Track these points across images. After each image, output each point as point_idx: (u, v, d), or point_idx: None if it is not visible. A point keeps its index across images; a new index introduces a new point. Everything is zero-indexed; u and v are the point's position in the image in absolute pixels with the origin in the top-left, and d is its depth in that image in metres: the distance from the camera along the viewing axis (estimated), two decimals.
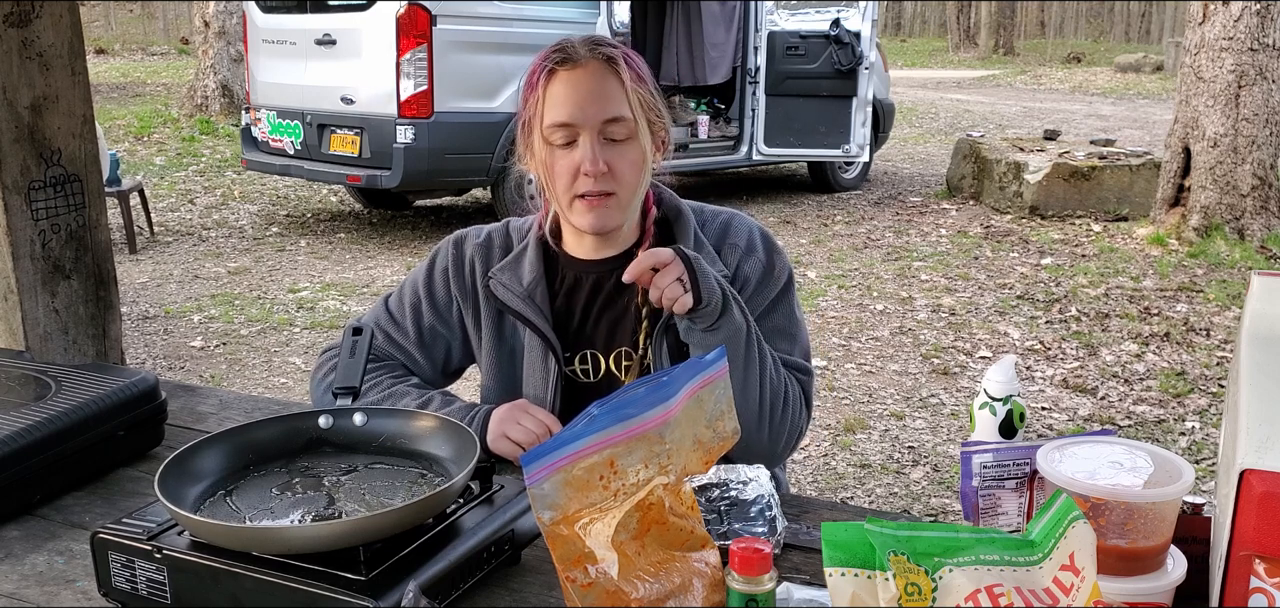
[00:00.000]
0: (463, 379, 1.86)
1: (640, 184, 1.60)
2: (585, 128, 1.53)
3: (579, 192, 1.55)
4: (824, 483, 3.82)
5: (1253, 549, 0.95)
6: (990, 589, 0.92)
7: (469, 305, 1.70)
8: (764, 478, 1.36)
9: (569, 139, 1.55)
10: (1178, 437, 4.17)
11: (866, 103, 8.85)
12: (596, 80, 1.54)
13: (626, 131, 1.55)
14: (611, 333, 1.65)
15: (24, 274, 2.06)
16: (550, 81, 1.55)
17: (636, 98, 1.56)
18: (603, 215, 1.57)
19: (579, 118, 1.53)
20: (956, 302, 6.07)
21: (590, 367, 1.66)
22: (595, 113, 1.53)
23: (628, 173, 1.56)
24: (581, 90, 1.54)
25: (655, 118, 1.60)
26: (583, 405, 1.61)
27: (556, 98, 1.54)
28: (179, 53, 22.61)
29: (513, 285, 1.65)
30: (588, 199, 1.56)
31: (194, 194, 9.09)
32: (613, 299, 1.65)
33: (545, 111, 1.55)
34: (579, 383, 1.66)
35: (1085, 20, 30.57)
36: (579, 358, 1.66)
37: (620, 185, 1.56)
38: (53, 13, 2.07)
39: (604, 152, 1.54)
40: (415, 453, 1.33)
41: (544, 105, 1.56)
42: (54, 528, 1.39)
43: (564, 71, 1.55)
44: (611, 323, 1.65)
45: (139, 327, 5.64)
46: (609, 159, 1.54)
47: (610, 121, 1.54)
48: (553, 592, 1.20)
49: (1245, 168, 7.01)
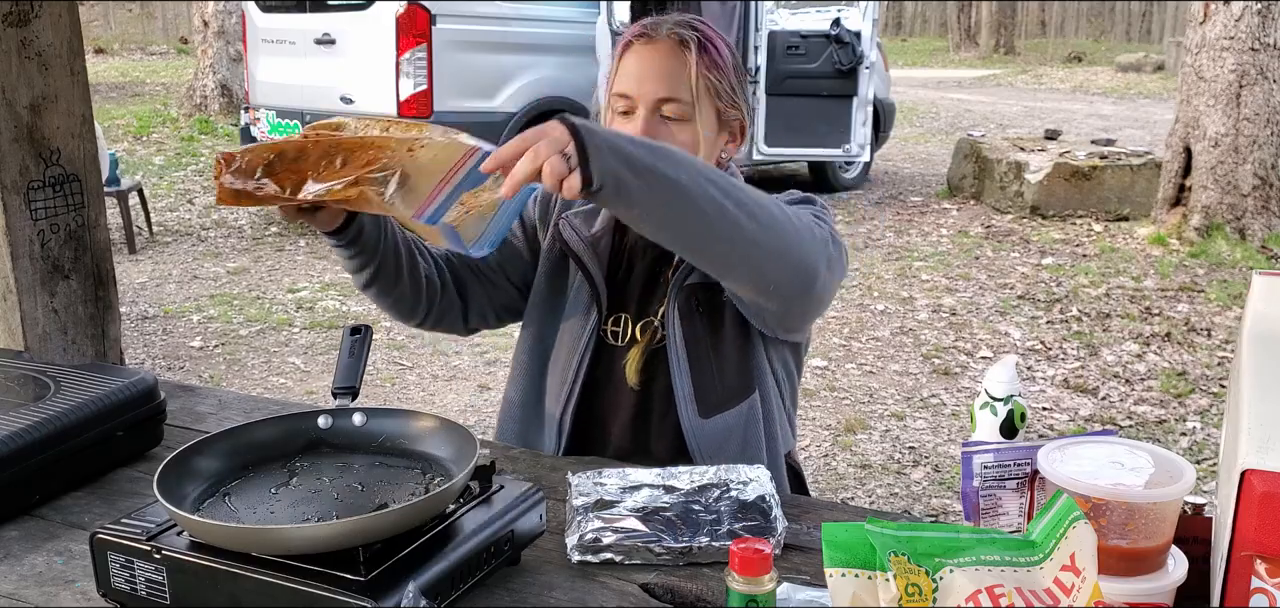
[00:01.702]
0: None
1: None
2: (641, 102, 1.58)
3: None
4: (824, 483, 3.82)
5: (1254, 550, 0.95)
6: (991, 590, 0.92)
7: (544, 232, 1.75)
8: (764, 478, 1.36)
9: (627, 109, 1.60)
10: (1179, 437, 4.17)
11: (867, 102, 8.85)
12: (662, 58, 1.58)
13: (680, 113, 1.57)
14: (644, 302, 1.68)
15: (23, 274, 2.06)
16: (625, 53, 1.62)
17: (704, 82, 1.58)
18: None
19: (636, 91, 1.58)
20: (957, 302, 6.07)
21: (621, 329, 1.68)
22: (651, 89, 1.57)
23: None
24: (645, 65, 1.59)
25: (727, 106, 1.62)
26: (608, 365, 1.66)
27: (625, 69, 1.61)
28: (178, 52, 22.60)
29: (582, 230, 1.69)
30: None
31: (193, 194, 9.09)
32: (654, 271, 1.68)
33: (615, 80, 1.62)
34: (607, 344, 1.68)
35: (1086, 20, 30.55)
36: (613, 320, 1.68)
37: None
38: (52, 12, 2.07)
39: (655, 128, 1.57)
40: (415, 453, 1.33)
41: (615, 74, 1.62)
42: (53, 528, 1.39)
43: (638, 45, 1.61)
44: (647, 292, 1.68)
45: (138, 327, 5.64)
46: (660, 136, 1.56)
47: (665, 100, 1.57)
48: (553, 592, 1.20)
49: (1246, 168, 7.01)
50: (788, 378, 1.74)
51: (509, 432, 1.74)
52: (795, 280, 1.45)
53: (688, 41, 1.59)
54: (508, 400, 1.77)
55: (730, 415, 1.62)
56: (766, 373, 1.67)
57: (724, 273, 1.46)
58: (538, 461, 1.60)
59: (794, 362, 1.75)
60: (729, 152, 1.67)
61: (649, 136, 1.54)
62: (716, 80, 1.60)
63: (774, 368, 1.69)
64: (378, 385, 4.68)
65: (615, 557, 1.25)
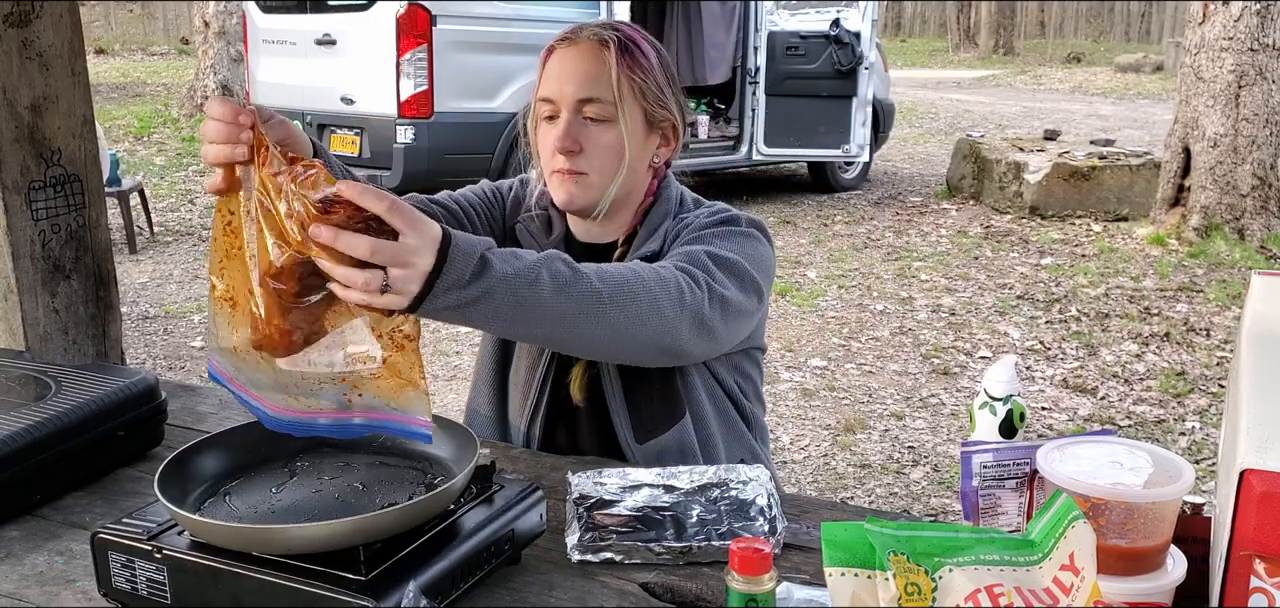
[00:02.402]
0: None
1: (617, 169, 1.58)
2: (563, 104, 1.57)
3: (556, 167, 1.59)
4: (824, 483, 3.82)
5: (1253, 549, 0.95)
6: (990, 589, 0.92)
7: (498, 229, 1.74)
8: (764, 478, 1.36)
9: (551, 114, 1.59)
10: (1178, 437, 4.17)
11: (866, 103, 8.85)
12: (584, 60, 1.57)
13: (602, 113, 1.56)
14: None
15: (24, 274, 2.06)
16: (548, 58, 1.62)
17: (626, 82, 1.56)
18: (574, 192, 1.59)
19: (557, 93, 1.58)
20: (956, 302, 6.07)
21: None
22: (573, 91, 1.57)
23: (599, 155, 1.57)
24: (566, 68, 1.58)
25: (655, 108, 1.60)
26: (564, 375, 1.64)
27: (548, 73, 1.60)
28: (179, 53, 22.60)
29: (539, 235, 1.69)
30: (561, 174, 1.59)
31: (194, 194, 9.09)
32: None
33: (538, 85, 1.62)
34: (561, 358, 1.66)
35: (1085, 20, 30.54)
36: None
37: (592, 166, 1.57)
38: (53, 13, 2.07)
39: (579, 130, 1.56)
40: (415, 453, 1.33)
41: (539, 79, 1.62)
42: (54, 528, 1.39)
43: (560, 49, 1.61)
44: None
45: (139, 327, 5.64)
46: (583, 137, 1.56)
47: (586, 101, 1.56)
48: (553, 592, 1.20)
49: (1245, 168, 7.01)
50: (741, 392, 1.68)
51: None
52: (650, 355, 1.43)
53: (608, 41, 1.58)
54: (473, 411, 1.76)
55: (664, 438, 1.59)
56: (699, 396, 1.61)
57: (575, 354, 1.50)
58: (538, 461, 1.60)
59: (749, 369, 1.70)
60: (662, 154, 1.65)
61: (572, 138, 1.55)
62: (640, 80, 1.58)
63: (713, 388, 1.64)
64: None
65: (615, 556, 1.25)
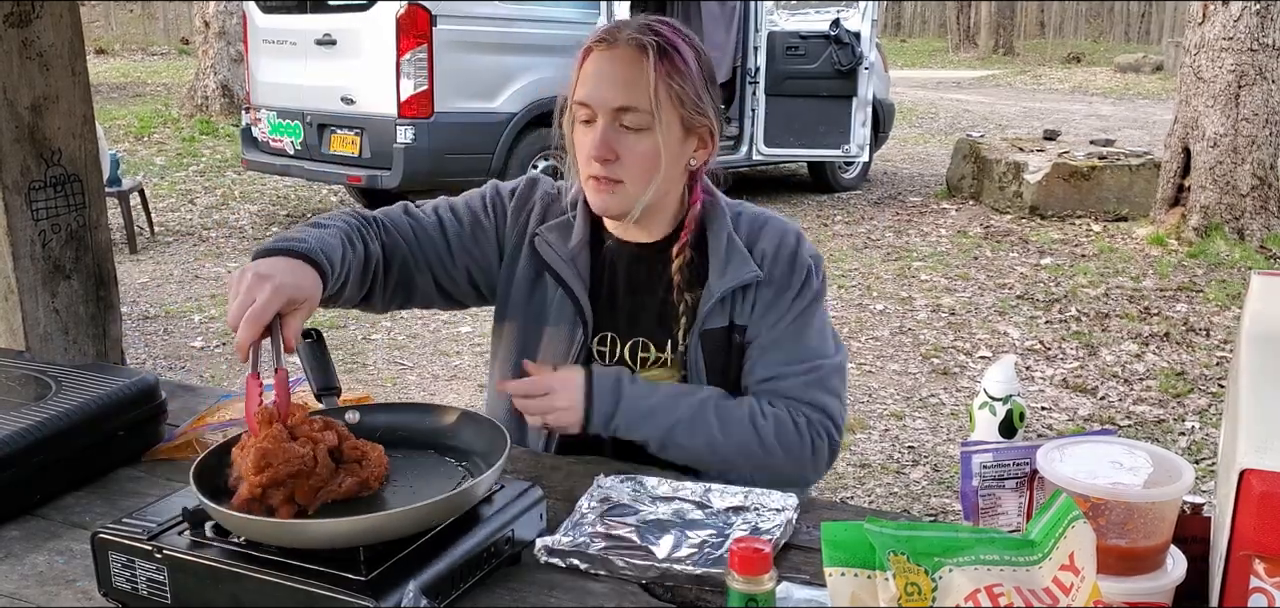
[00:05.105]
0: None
1: (653, 177, 1.56)
2: (600, 111, 1.55)
3: (591, 172, 1.57)
4: (824, 483, 3.82)
5: (1252, 549, 0.95)
6: (990, 589, 0.92)
7: (512, 242, 1.70)
8: (792, 505, 1.34)
9: (588, 118, 1.57)
10: (1177, 437, 4.17)
11: (866, 103, 8.84)
12: (622, 65, 1.54)
13: (640, 122, 1.54)
14: (633, 321, 1.65)
15: (24, 274, 2.06)
16: (587, 58, 1.58)
17: (665, 90, 1.54)
18: (609, 200, 1.57)
19: (595, 99, 1.55)
20: (956, 302, 6.07)
21: (608, 349, 1.66)
22: (610, 98, 1.54)
23: (635, 164, 1.55)
24: (604, 72, 1.55)
25: (692, 114, 1.58)
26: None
27: (585, 75, 1.57)
28: (179, 53, 22.58)
29: (558, 246, 1.65)
30: (596, 181, 1.57)
31: (194, 194, 9.09)
32: (642, 286, 1.65)
33: (576, 87, 1.58)
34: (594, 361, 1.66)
35: (1085, 20, 30.53)
36: (598, 339, 1.66)
37: (628, 174, 1.55)
38: (53, 13, 2.07)
39: (615, 138, 1.54)
40: (447, 448, 1.33)
41: (576, 80, 1.58)
42: (54, 528, 1.39)
43: (598, 51, 1.57)
44: (634, 310, 1.65)
45: (139, 327, 5.64)
46: (619, 146, 1.54)
47: (623, 109, 1.54)
48: (553, 592, 1.20)
49: (1245, 168, 7.01)
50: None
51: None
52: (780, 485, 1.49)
53: (646, 47, 1.53)
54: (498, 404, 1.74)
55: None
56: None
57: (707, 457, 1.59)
58: (538, 461, 1.60)
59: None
60: (699, 158, 1.63)
61: (608, 147, 1.54)
62: (679, 87, 1.55)
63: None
64: (378, 386, 4.68)
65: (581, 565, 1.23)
